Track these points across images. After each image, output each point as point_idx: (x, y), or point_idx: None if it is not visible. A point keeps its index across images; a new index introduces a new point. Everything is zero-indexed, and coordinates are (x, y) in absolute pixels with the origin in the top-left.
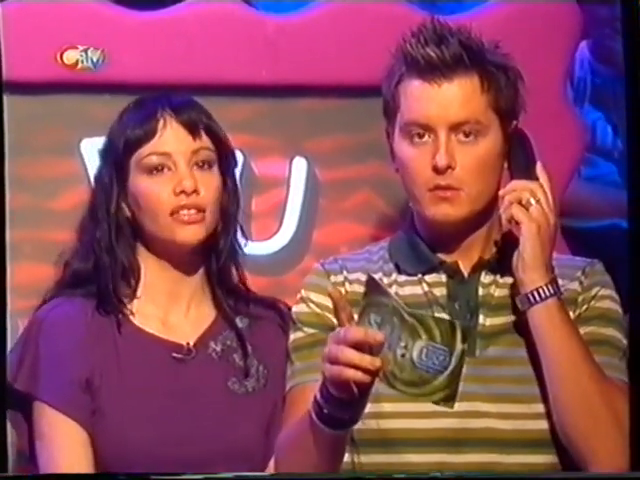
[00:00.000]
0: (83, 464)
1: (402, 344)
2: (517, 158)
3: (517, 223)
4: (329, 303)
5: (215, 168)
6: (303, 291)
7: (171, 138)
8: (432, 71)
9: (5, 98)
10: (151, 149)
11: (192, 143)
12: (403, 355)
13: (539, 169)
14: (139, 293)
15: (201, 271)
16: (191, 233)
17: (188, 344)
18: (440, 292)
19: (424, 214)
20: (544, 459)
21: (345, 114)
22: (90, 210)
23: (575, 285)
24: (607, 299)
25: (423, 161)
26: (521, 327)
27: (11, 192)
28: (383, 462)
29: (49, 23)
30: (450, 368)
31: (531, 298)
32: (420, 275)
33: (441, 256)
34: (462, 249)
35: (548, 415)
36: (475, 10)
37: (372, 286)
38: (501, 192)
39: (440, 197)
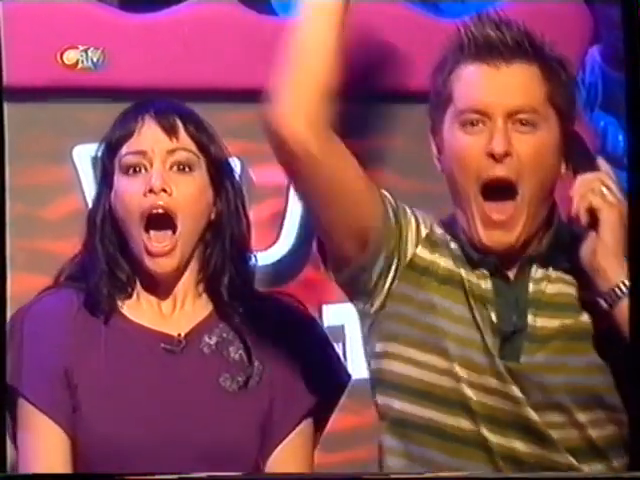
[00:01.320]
0: (59, 465)
1: None
2: (576, 157)
3: (594, 212)
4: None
5: (198, 172)
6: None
7: (148, 138)
8: (491, 52)
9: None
10: (128, 148)
11: (168, 143)
12: None
13: (601, 163)
14: (131, 287)
15: (197, 277)
16: (162, 265)
17: (179, 335)
18: (487, 286)
19: (475, 237)
20: (591, 469)
21: (347, 121)
22: (86, 220)
23: None
24: None
25: (478, 149)
26: (576, 329)
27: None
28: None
29: (48, 24)
30: None
31: (618, 291)
32: (469, 267)
33: (487, 248)
34: (512, 252)
35: (594, 425)
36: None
37: None
38: (571, 192)
39: (494, 221)
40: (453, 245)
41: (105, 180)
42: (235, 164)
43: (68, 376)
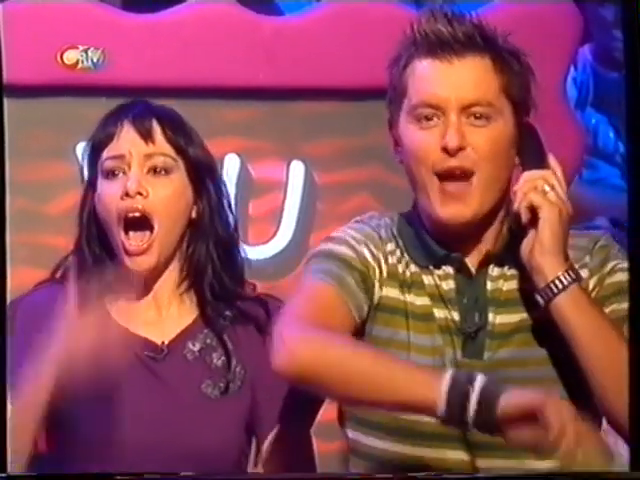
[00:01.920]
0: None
1: None
2: (528, 151)
3: (535, 210)
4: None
5: (176, 175)
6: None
7: (126, 142)
8: (443, 47)
9: (9, 101)
10: (108, 153)
11: (145, 147)
12: None
13: (551, 160)
14: (117, 288)
15: (180, 277)
16: (140, 263)
17: (163, 343)
18: (449, 286)
19: (432, 212)
20: (549, 464)
21: (343, 117)
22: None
23: (585, 271)
24: (619, 272)
25: (432, 144)
26: (534, 324)
27: (6, 196)
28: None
29: (49, 24)
30: None
31: (554, 288)
32: (431, 267)
33: (446, 248)
34: (470, 244)
35: None
36: (475, 13)
37: None
38: (515, 187)
39: (449, 193)
40: (405, 259)
41: (90, 182)
42: (234, 160)
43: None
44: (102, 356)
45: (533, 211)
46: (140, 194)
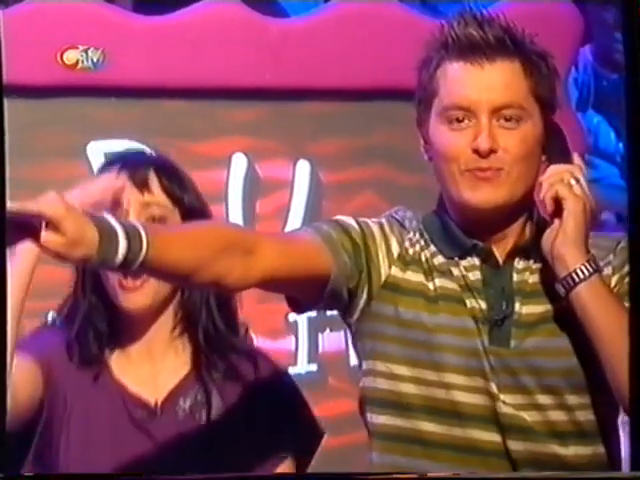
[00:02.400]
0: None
1: None
2: (554, 148)
3: (559, 202)
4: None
5: (171, 223)
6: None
7: (124, 192)
8: (474, 51)
9: (13, 102)
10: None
11: (141, 197)
12: None
13: (575, 157)
14: (113, 338)
15: (174, 321)
16: (134, 301)
17: (156, 403)
18: (475, 276)
19: (462, 198)
20: (577, 451)
21: (348, 117)
22: None
23: (609, 268)
24: None
25: (463, 144)
26: (560, 316)
27: (19, 194)
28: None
29: (51, 24)
30: None
31: (575, 277)
32: (456, 258)
33: (474, 239)
34: (497, 236)
35: (580, 407)
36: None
37: None
38: (541, 178)
39: (479, 178)
40: (430, 250)
41: None
42: (242, 160)
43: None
44: (98, 409)
45: (557, 202)
46: None
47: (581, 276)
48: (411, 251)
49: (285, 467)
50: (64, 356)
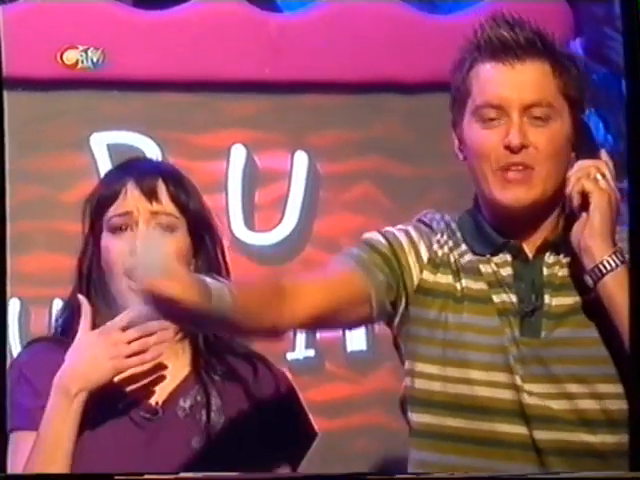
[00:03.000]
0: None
1: None
2: (582, 145)
3: (587, 196)
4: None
5: (179, 233)
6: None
7: (131, 200)
8: (506, 52)
9: (18, 95)
10: (115, 211)
11: (150, 206)
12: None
13: (602, 153)
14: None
15: (178, 329)
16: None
17: (157, 403)
18: (506, 272)
19: (493, 198)
20: (605, 439)
21: (346, 110)
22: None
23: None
24: None
25: (495, 141)
26: (588, 307)
27: (25, 185)
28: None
29: (55, 22)
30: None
31: (602, 268)
32: (488, 255)
33: (505, 236)
34: (528, 232)
35: (610, 396)
36: (469, 10)
37: None
38: (568, 173)
39: (511, 179)
40: (460, 249)
41: (92, 235)
42: (241, 151)
43: None
44: (100, 415)
45: (584, 197)
46: None
47: (608, 267)
48: (440, 253)
49: (280, 465)
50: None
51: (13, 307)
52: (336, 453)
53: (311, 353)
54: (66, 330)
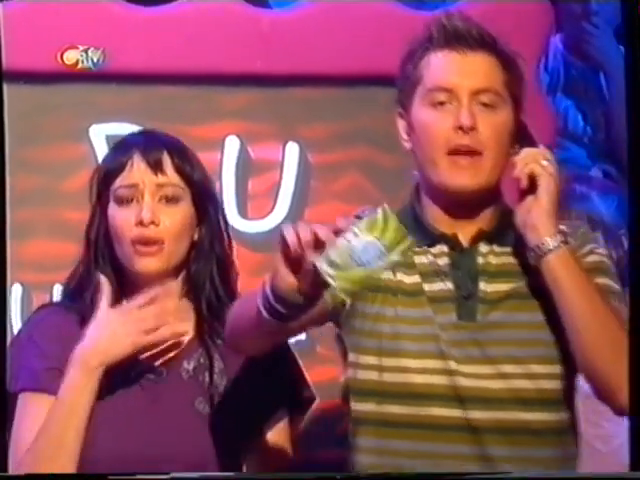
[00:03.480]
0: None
1: (354, 229)
2: (522, 141)
3: (534, 179)
4: None
5: (184, 203)
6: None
7: (138, 172)
8: (459, 40)
9: (20, 88)
10: (120, 182)
11: (155, 178)
12: (348, 240)
13: (542, 148)
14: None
15: (181, 292)
16: (148, 264)
17: (161, 365)
18: (443, 262)
19: (441, 182)
20: (540, 417)
21: (335, 102)
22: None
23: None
24: (597, 255)
25: (445, 123)
26: (523, 293)
27: (27, 174)
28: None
29: (56, 20)
30: (372, 268)
31: (547, 245)
32: (425, 247)
33: (442, 228)
34: (464, 222)
35: (545, 376)
36: (455, 6)
37: None
38: (515, 158)
39: (459, 165)
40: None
41: (99, 205)
42: (235, 142)
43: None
44: (106, 377)
45: (532, 179)
46: (153, 223)
47: (552, 245)
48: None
49: (280, 426)
50: (78, 332)
51: (15, 292)
52: (328, 434)
53: (303, 337)
54: (74, 295)
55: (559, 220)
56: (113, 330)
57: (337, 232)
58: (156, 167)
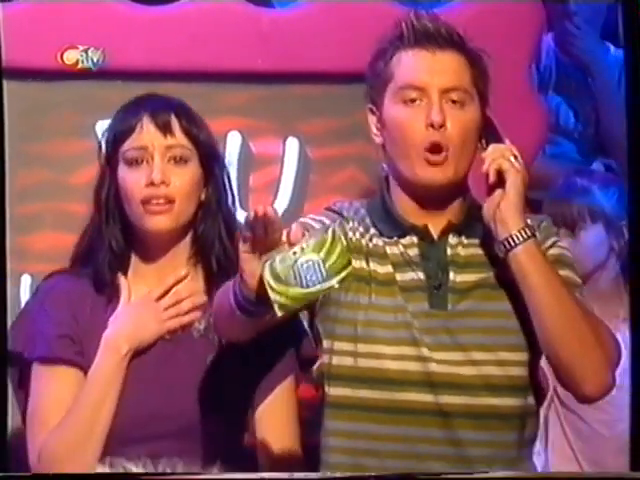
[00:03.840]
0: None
1: (303, 245)
2: (488, 137)
3: (502, 174)
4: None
5: (192, 164)
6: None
7: (147, 135)
8: (428, 40)
9: (27, 85)
10: (130, 144)
11: (164, 140)
12: (295, 253)
13: (507, 143)
14: (130, 274)
15: (190, 252)
16: (158, 222)
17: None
18: (414, 252)
19: (414, 174)
20: (508, 402)
21: (333, 99)
22: (93, 193)
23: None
24: (558, 248)
25: (417, 121)
26: (492, 283)
27: (34, 169)
28: (359, 397)
29: (57, 20)
30: (309, 290)
31: (515, 238)
32: (395, 238)
33: (412, 220)
34: (433, 214)
35: (513, 363)
36: (450, 6)
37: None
38: (483, 154)
39: (430, 161)
40: (370, 233)
41: (109, 166)
42: (236, 138)
43: (78, 343)
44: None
45: (500, 175)
46: (164, 183)
47: (520, 238)
48: (354, 239)
49: (287, 383)
50: (88, 297)
51: (24, 282)
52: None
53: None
54: (84, 258)
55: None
56: (140, 317)
57: (291, 238)
58: (165, 129)
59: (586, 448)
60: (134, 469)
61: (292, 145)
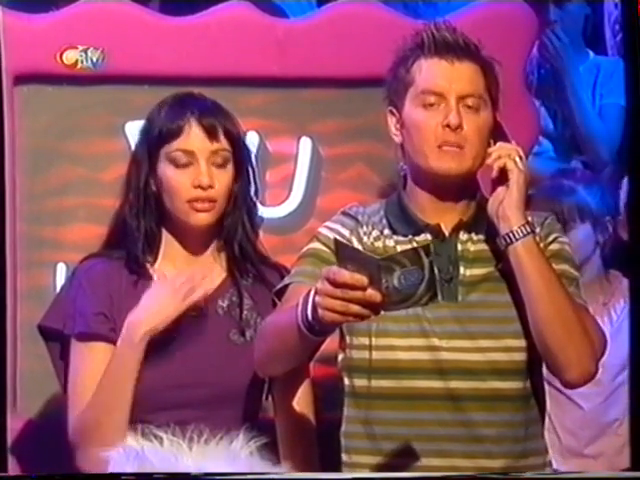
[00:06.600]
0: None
1: (383, 280)
2: (497, 140)
3: (506, 172)
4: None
5: (230, 166)
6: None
7: (195, 139)
8: (448, 51)
9: (62, 89)
10: (178, 146)
11: (210, 145)
12: (387, 287)
13: (514, 145)
14: (160, 256)
15: (216, 238)
16: (202, 218)
17: (201, 303)
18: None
19: (430, 167)
20: (512, 385)
21: (343, 102)
22: (125, 181)
23: (535, 238)
24: (559, 243)
25: (435, 122)
26: (498, 277)
27: (69, 166)
28: (390, 386)
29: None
30: (425, 278)
31: (516, 234)
32: (410, 236)
33: (426, 219)
34: (445, 213)
35: (517, 349)
36: (450, 15)
37: (341, 246)
38: (490, 150)
39: (447, 153)
40: (385, 234)
41: (150, 159)
42: (254, 137)
43: (112, 320)
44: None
45: (504, 173)
46: (210, 187)
47: (521, 234)
48: (369, 242)
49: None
50: (122, 279)
51: (60, 271)
52: (333, 396)
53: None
54: (118, 243)
55: (529, 212)
56: (156, 298)
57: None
58: (211, 135)
59: (565, 419)
60: (163, 436)
61: (305, 144)
